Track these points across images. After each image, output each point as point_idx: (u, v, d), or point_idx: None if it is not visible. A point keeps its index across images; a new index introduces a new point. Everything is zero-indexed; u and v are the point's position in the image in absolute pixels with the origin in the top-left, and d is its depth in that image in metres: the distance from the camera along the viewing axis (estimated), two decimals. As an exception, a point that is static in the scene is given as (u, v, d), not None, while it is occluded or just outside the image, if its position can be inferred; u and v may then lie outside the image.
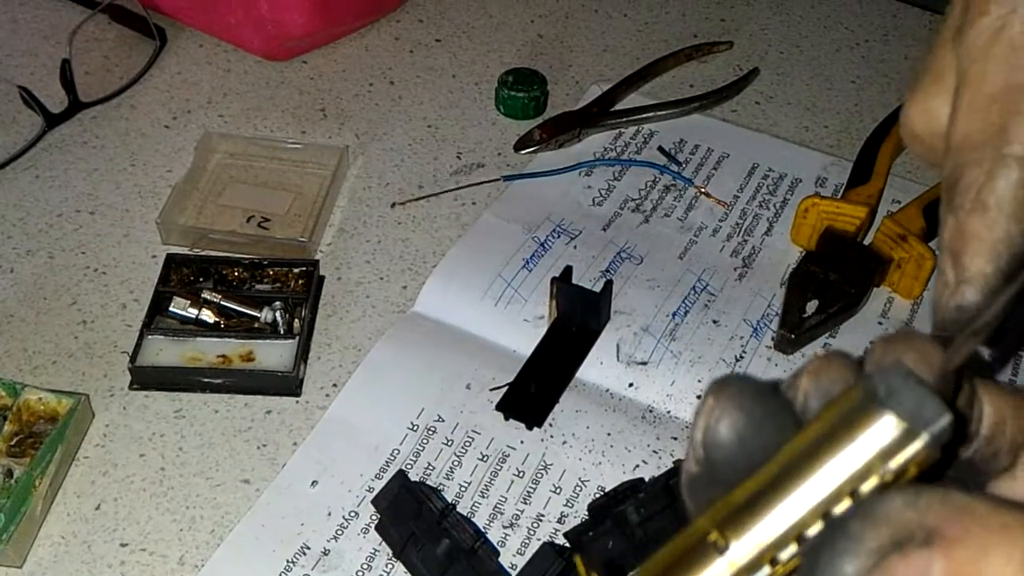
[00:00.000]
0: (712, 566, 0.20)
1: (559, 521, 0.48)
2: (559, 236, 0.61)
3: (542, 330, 0.55)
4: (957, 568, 0.19)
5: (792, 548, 0.20)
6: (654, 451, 0.51)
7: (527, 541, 0.47)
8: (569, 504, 0.49)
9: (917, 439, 0.19)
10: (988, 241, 0.25)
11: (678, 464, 0.46)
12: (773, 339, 0.56)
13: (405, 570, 0.45)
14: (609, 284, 0.55)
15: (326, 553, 0.46)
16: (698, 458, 0.22)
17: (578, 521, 0.48)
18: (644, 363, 0.54)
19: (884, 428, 0.19)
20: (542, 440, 0.51)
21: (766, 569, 0.20)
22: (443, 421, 0.52)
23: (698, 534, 0.21)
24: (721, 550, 0.20)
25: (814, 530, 0.20)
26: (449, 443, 0.51)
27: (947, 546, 0.19)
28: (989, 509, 0.19)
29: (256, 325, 0.55)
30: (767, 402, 0.21)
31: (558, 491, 0.49)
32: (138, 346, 0.53)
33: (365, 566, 0.46)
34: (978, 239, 0.25)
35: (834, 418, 0.20)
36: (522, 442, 0.51)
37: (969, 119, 0.26)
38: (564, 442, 0.51)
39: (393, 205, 0.64)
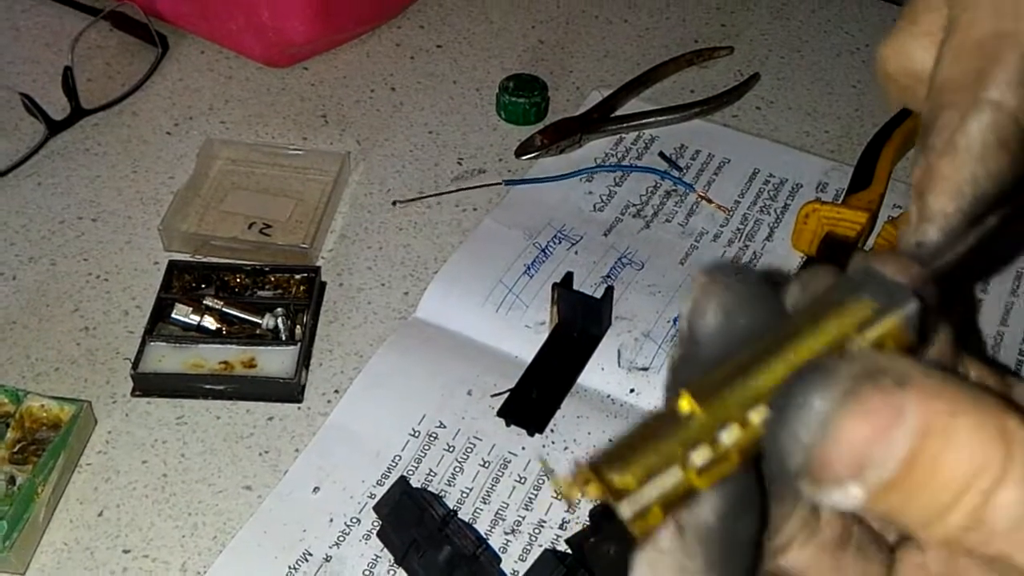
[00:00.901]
0: (683, 429, 0.20)
1: (561, 527, 0.48)
2: (560, 242, 0.61)
3: (543, 336, 0.55)
4: (931, 418, 0.18)
5: (763, 409, 0.20)
6: (655, 457, 0.51)
7: (529, 547, 0.47)
8: (571, 510, 0.49)
9: (889, 314, 0.20)
10: (953, 181, 0.25)
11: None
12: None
13: (407, 576, 0.45)
14: (610, 290, 0.55)
15: (328, 560, 0.46)
16: (683, 337, 0.22)
17: (580, 527, 0.48)
18: (645, 369, 0.54)
19: (859, 307, 0.20)
20: (543, 446, 0.51)
21: (735, 428, 0.20)
22: (444, 427, 0.52)
23: (672, 407, 0.20)
24: (692, 417, 0.20)
25: None
26: (451, 449, 0.51)
27: (923, 393, 0.19)
28: (962, 383, 0.19)
29: (258, 331, 0.55)
30: (756, 288, 0.21)
31: (559, 497, 0.49)
32: (140, 353, 0.53)
33: (367, 573, 0.46)
34: (944, 179, 0.25)
35: (814, 307, 0.21)
36: (523, 448, 0.51)
37: (953, 64, 0.27)
38: (566, 448, 0.51)
39: (395, 203, 0.64)
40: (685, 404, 0.20)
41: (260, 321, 0.55)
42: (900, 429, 0.18)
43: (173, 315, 0.55)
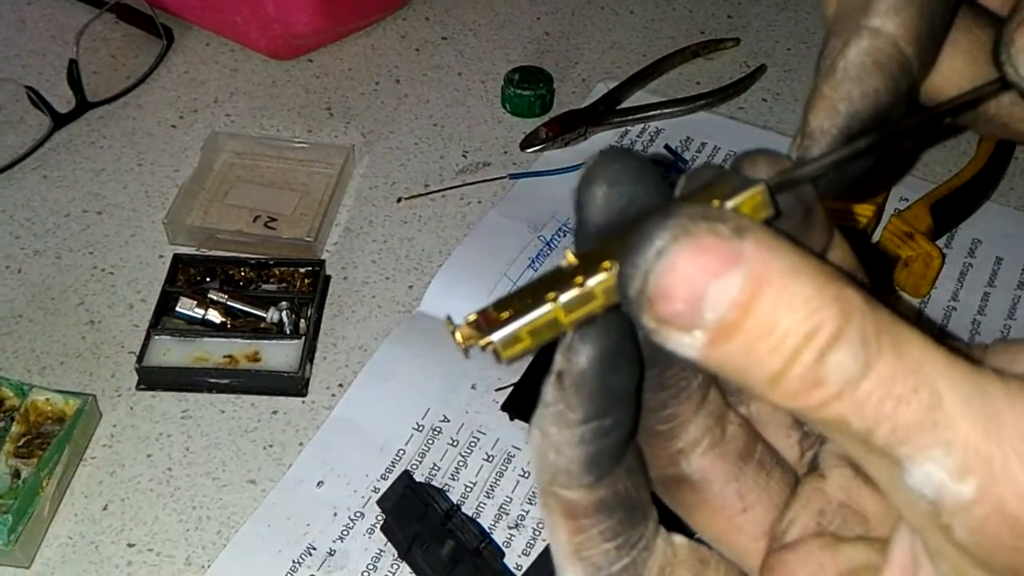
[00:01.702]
0: (559, 276, 0.21)
1: (564, 521, 0.48)
2: (565, 235, 0.61)
3: (548, 330, 0.55)
4: (767, 269, 0.19)
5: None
6: (660, 451, 0.51)
7: (532, 542, 0.47)
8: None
9: (750, 188, 0.21)
10: (831, 100, 0.27)
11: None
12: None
13: (410, 571, 0.46)
14: (615, 284, 0.55)
15: (332, 554, 0.46)
16: (575, 207, 0.23)
17: (583, 521, 0.48)
18: (650, 363, 0.54)
19: (724, 183, 0.22)
20: (547, 440, 0.51)
21: (601, 274, 0.21)
22: (448, 421, 0.52)
23: (558, 266, 0.22)
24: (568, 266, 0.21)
25: None
26: (454, 443, 0.51)
27: (760, 246, 0.19)
28: (809, 252, 0.20)
29: (262, 325, 0.55)
30: (643, 165, 0.22)
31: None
32: (145, 346, 0.53)
33: (371, 567, 0.46)
34: (823, 98, 0.27)
35: (692, 190, 0.22)
36: (527, 443, 0.51)
37: None
38: (570, 442, 0.51)
39: (399, 200, 0.64)
40: (568, 258, 0.21)
41: (265, 315, 0.55)
42: (734, 273, 0.19)
43: (178, 309, 0.55)
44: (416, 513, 0.45)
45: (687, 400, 0.24)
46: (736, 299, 0.19)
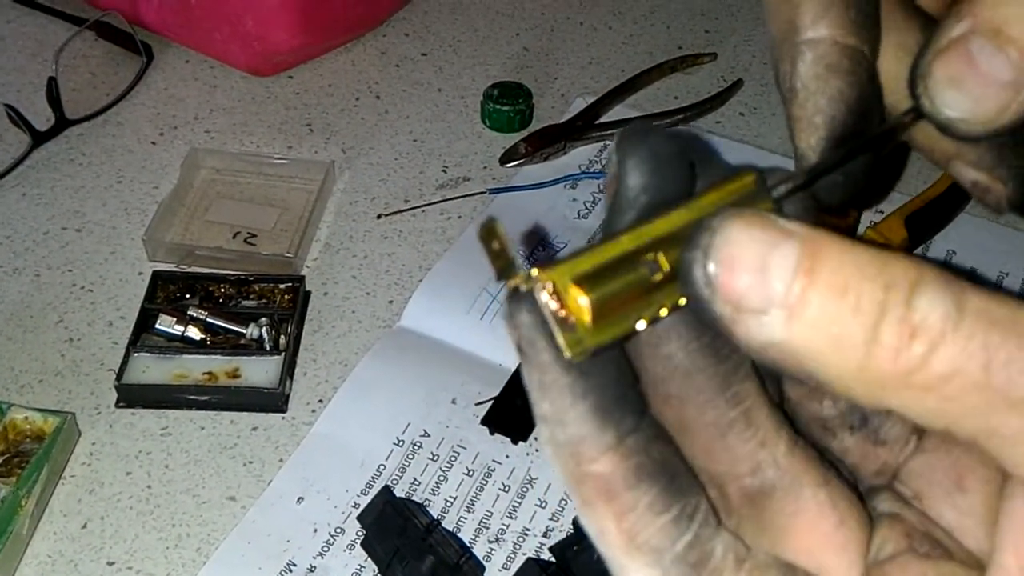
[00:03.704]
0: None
1: (545, 535, 0.48)
2: (545, 249, 0.61)
3: (527, 344, 0.55)
4: (818, 241, 0.19)
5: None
6: (639, 464, 0.51)
7: (512, 556, 0.47)
8: (555, 518, 0.49)
9: (768, 191, 0.22)
10: (805, 120, 0.28)
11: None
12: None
13: (391, 586, 0.46)
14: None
15: (312, 570, 0.46)
16: (611, 182, 0.23)
17: (564, 535, 0.48)
18: (629, 376, 0.54)
19: (745, 179, 0.22)
20: (527, 454, 0.51)
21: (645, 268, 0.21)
22: (429, 436, 0.52)
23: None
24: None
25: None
26: (435, 458, 0.51)
27: (807, 226, 0.19)
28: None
29: (242, 341, 0.55)
30: (677, 146, 0.23)
31: (543, 505, 0.49)
32: (124, 364, 0.53)
33: (351, 582, 0.46)
34: (797, 120, 0.28)
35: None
36: (507, 456, 0.51)
37: (774, 20, 0.29)
38: (549, 456, 0.51)
39: (379, 216, 0.64)
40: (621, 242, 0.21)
41: (244, 331, 0.55)
42: (790, 241, 0.19)
43: (157, 326, 0.55)
44: (396, 528, 0.45)
45: (747, 377, 0.23)
46: (799, 262, 0.18)
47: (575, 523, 0.48)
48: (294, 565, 0.47)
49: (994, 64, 0.23)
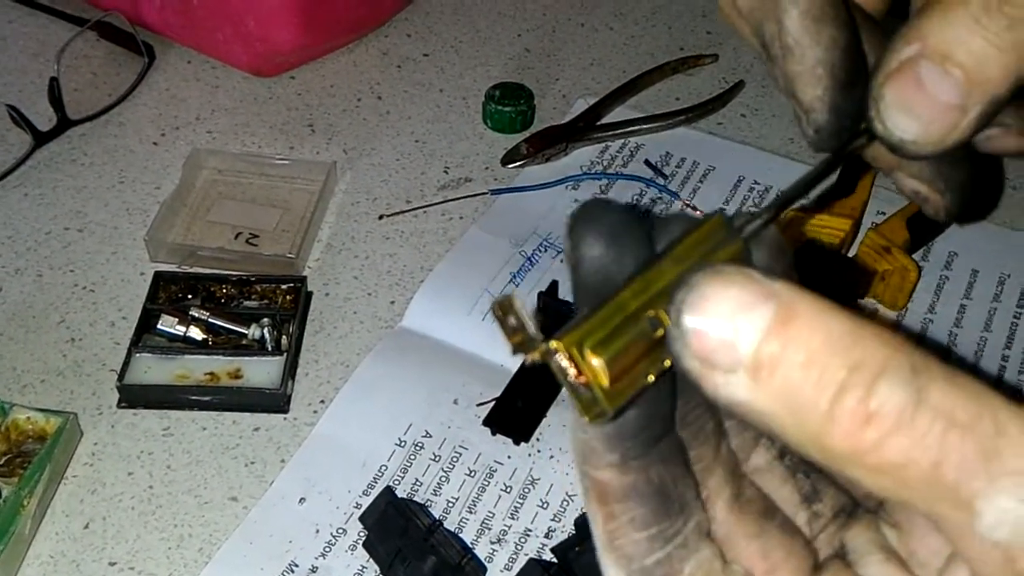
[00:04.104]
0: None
1: (546, 536, 0.48)
2: (546, 250, 0.61)
3: (529, 345, 0.55)
4: (796, 306, 0.19)
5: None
6: (641, 465, 0.51)
7: (515, 557, 0.47)
8: (556, 519, 0.49)
9: (737, 231, 0.23)
10: (805, 72, 0.28)
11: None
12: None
13: (393, 587, 0.46)
14: (595, 298, 0.56)
15: (314, 571, 0.47)
16: (571, 263, 0.24)
17: (565, 536, 0.48)
18: (631, 377, 0.54)
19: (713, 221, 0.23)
20: (529, 455, 0.51)
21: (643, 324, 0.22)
22: (430, 437, 0.52)
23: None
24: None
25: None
26: (436, 459, 0.51)
27: (791, 287, 0.19)
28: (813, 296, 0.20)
29: (244, 342, 0.55)
30: (627, 217, 0.23)
31: (545, 506, 0.49)
32: (126, 364, 0.53)
33: (353, 583, 0.46)
34: (798, 76, 0.28)
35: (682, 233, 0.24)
36: (509, 457, 0.51)
37: None
38: (551, 456, 0.51)
39: (381, 217, 0.64)
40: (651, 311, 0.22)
41: (246, 331, 0.55)
42: (767, 304, 0.19)
43: (159, 326, 0.55)
44: (398, 529, 0.45)
45: (705, 442, 0.25)
46: (770, 327, 0.19)
47: (577, 524, 0.48)
48: (296, 566, 0.47)
49: (942, 87, 0.24)
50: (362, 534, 0.47)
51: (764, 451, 0.26)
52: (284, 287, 0.58)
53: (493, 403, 0.53)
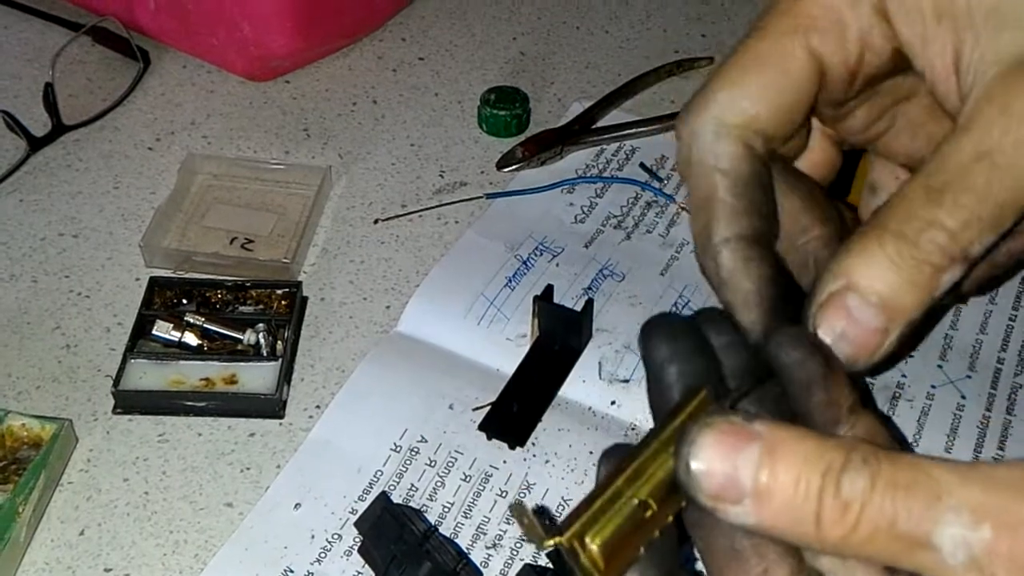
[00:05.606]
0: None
1: (542, 541, 0.48)
2: (541, 254, 0.61)
3: (524, 349, 0.55)
4: (776, 441, 0.26)
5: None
6: (636, 469, 0.51)
7: (510, 562, 0.47)
8: (552, 523, 0.49)
9: (722, 399, 0.30)
10: (739, 303, 0.33)
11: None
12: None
13: (388, 592, 0.46)
14: (590, 303, 0.56)
15: (309, 576, 0.46)
16: (648, 371, 0.32)
17: (561, 540, 0.48)
18: (626, 381, 0.54)
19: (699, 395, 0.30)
20: (525, 459, 0.51)
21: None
22: (426, 442, 0.52)
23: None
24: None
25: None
26: (432, 464, 0.51)
27: (768, 423, 0.26)
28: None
29: (239, 347, 0.55)
30: (690, 328, 0.32)
31: (541, 511, 0.49)
32: (121, 370, 0.53)
33: (348, 589, 0.46)
34: (733, 305, 0.33)
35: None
36: (505, 462, 0.51)
37: (694, 225, 0.35)
38: (547, 461, 0.51)
39: (377, 221, 0.64)
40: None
41: (242, 337, 0.55)
42: (753, 444, 0.26)
43: (154, 332, 0.55)
44: (393, 535, 0.45)
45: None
46: (761, 461, 0.25)
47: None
48: (291, 571, 0.47)
49: (866, 315, 0.30)
50: (357, 540, 0.47)
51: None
52: (279, 292, 0.58)
53: (488, 408, 0.53)
